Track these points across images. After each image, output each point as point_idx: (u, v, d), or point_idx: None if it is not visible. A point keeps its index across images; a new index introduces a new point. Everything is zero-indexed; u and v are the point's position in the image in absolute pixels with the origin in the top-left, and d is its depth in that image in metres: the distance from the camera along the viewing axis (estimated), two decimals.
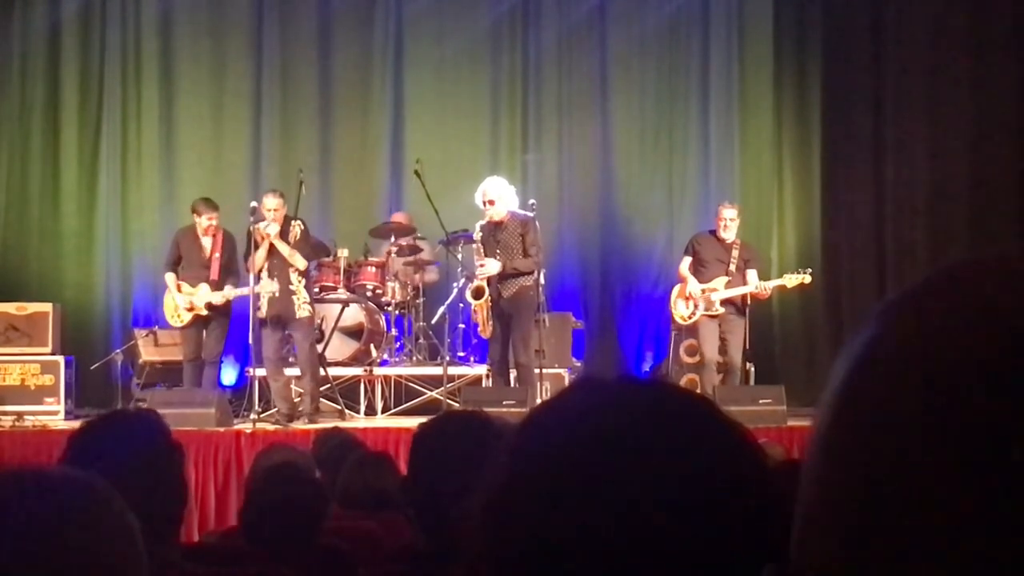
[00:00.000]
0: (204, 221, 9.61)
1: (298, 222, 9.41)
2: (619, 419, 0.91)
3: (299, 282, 9.29)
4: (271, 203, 9.28)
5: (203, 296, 9.52)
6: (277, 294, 9.21)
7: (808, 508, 0.59)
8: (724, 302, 9.48)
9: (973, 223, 10.39)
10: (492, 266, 8.99)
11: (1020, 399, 0.51)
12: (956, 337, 0.54)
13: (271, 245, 9.21)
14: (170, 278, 9.68)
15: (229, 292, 9.53)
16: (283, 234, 9.27)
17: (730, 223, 9.51)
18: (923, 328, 0.56)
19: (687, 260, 9.71)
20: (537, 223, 9.20)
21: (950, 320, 0.55)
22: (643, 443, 0.89)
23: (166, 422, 2.78)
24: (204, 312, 9.54)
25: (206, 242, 9.67)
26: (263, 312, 9.25)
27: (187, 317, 9.58)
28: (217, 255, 9.63)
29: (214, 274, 9.58)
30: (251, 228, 9.28)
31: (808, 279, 9.61)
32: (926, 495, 0.53)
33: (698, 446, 0.89)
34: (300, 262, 9.26)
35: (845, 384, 0.58)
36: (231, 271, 9.64)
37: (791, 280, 9.54)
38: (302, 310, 9.27)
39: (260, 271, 9.24)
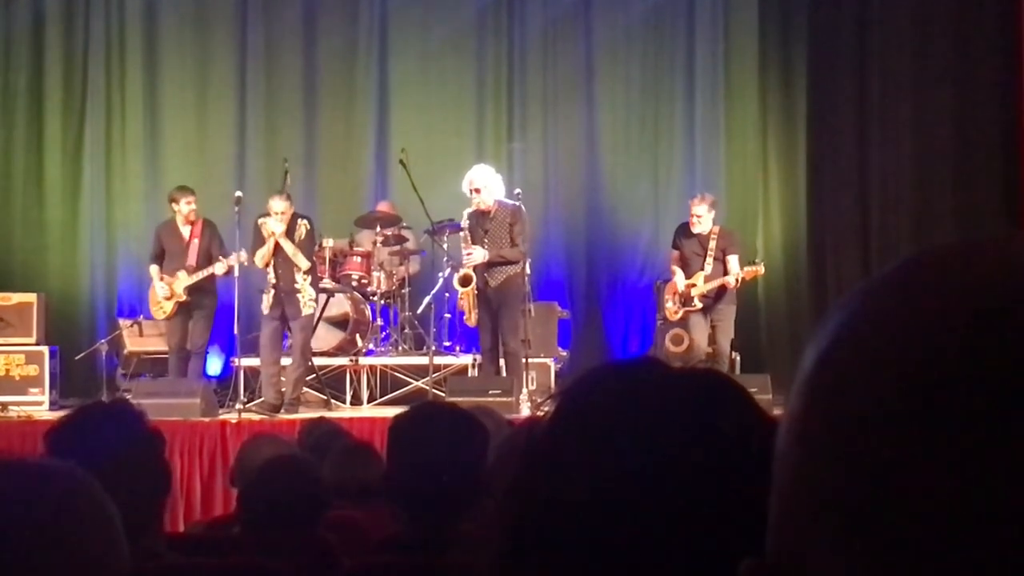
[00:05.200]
0: (184, 207, 9.61)
1: (304, 221, 9.41)
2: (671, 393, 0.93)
3: (304, 280, 9.29)
4: (278, 206, 9.26)
5: (181, 282, 9.51)
6: (246, 263, 9.22)
7: (783, 500, 0.59)
8: (706, 295, 9.51)
9: (958, 211, 10.41)
10: (479, 254, 9.00)
11: (989, 379, 0.52)
12: (924, 320, 0.54)
13: (276, 243, 9.22)
14: (153, 270, 9.69)
15: (204, 271, 9.51)
16: (290, 232, 9.27)
17: (697, 220, 9.50)
18: (891, 312, 0.56)
19: (674, 253, 9.75)
20: (525, 212, 9.21)
21: (917, 303, 0.55)
22: (685, 416, 0.92)
23: (142, 410, 2.77)
24: (184, 298, 9.52)
25: (185, 231, 9.66)
26: (265, 308, 9.26)
27: (168, 307, 9.56)
28: (196, 240, 9.62)
29: (192, 259, 9.57)
30: (258, 222, 9.31)
31: (762, 270, 9.70)
32: (903, 481, 0.53)
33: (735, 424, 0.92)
34: (303, 262, 9.26)
35: (815, 371, 0.58)
36: (212, 257, 9.61)
37: (747, 271, 9.56)
38: (307, 307, 9.31)
39: (267, 265, 9.26)
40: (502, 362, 9.21)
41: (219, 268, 9.43)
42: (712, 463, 0.89)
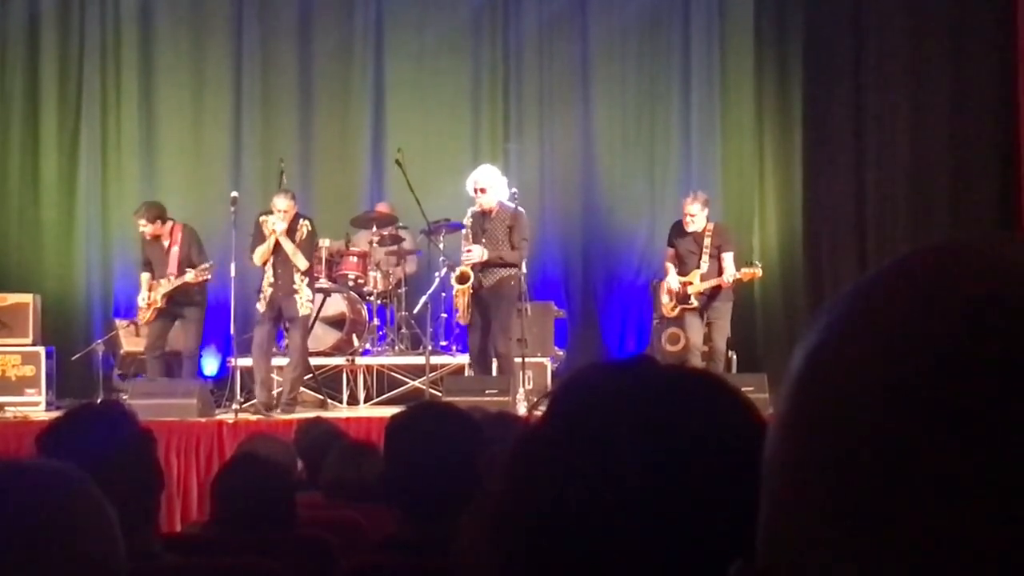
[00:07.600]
0: (140, 228, 9.66)
1: (306, 222, 9.40)
2: (661, 394, 0.93)
3: (302, 281, 9.29)
4: (282, 204, 9.25)
5: (161, 288, 9.56)
6: (211, 278, 9.29)
7: (773, 501, 0.59)
8: (703, 292, 9.50)
9: (953, 211, 10.42)
10: (477, 252, 9.00)
11: (977, 377, 0.52)
12: (911, 319, 0.54)
13: (276, 241, 9.21)
14: (143, 277, 9.78)
15: (176, 280, 9.54)
16: (291, 231, 9.27)
17: (691, 219, 9.48)
18: (878, 312, 0.56)
19: (669, 251, 9.74)
20: (525, 217, 9.20)
21: (905, 303, 0.55)
22: (677, 416, 0.92)
23: (132, 410, 2.76)
24: (160, 304, 9.56)
25: (165, 240, 9.70)
26: (262, 307, 9.26)
27: (147, 314, 9.64)
28: (175, 248, 9.64)
29: (172, 267, 9.59)
30: (259, 220, 9.31)
31: (759, 272, 9.66)
32: (891, 481, 0.53)
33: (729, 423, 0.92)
34: (302, 262, 9.25)
35: (804, 372, 0.58)
36: (191, 264, 9.61)
37: (743, 272, 9.53)
38: (304, 308, 9.32)
39: (265, 264, 9.26)
40: (493, 364, 9.20)
41: (189, 276, 9.45)
42: (705, 463, 0.89)
